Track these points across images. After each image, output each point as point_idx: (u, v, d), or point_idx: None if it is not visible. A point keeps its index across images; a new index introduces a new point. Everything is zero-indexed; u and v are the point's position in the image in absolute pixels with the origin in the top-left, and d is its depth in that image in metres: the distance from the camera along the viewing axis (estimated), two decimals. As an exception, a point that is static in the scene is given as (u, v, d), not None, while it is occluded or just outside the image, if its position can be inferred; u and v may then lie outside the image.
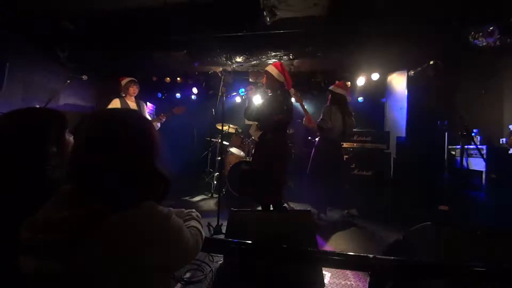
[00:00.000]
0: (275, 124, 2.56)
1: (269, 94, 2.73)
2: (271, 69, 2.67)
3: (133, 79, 3.38)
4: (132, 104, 3.35)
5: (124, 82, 3.35)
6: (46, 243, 0.56)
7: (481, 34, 2.93)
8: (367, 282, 0.97)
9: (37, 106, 2.79)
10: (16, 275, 0.57)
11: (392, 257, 0.98)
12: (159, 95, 5.65)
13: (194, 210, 0.98)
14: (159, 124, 3.40)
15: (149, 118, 3.47)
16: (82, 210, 0.57)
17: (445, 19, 2.89)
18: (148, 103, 4.88)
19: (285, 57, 3.68)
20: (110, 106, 3.16)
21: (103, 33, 3.48)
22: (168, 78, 5.24)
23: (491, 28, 2.86)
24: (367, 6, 2.80)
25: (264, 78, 2.73)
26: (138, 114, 0.75)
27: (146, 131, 0.68)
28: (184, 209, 0.99)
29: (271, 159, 2.55)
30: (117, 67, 4.28)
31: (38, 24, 3.23)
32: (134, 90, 3.35)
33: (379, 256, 0.97)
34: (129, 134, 0.65)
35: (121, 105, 3.26)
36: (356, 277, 1.89)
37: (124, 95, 3.34)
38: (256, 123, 2.75)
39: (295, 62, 4.21)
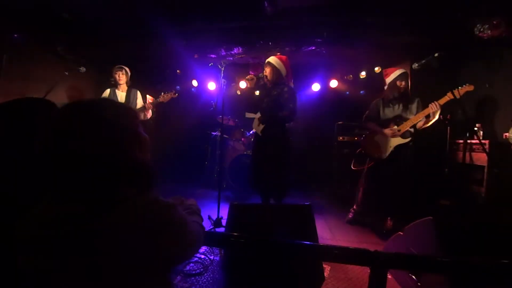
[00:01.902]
0: (279, 120, 2.52)
1: (272, 88, 2.61)
2: (275, 61, 2.54)
3: (120, 66, 3.26)
4: (121, 94, 3.26)
5: (112, 70, 3.27)
6: (45, 239, 0.54)
7: (486, 26, 2.87)
8: (367, 276, 0.96)
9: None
10: (13, 274, 0.56)
11: (393, 252, 0.97)
12: (159, 87, 5.59)
13: (194, 202, 0.96)
14: (150, 112, 3.35)
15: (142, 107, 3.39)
16: (80, 205, 0.55)
17: (450, 11, 2.82)
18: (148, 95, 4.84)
19: (287, 48, 3.61)
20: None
21: (101, 24, 3.41)
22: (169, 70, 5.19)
23: (497, 20, 2.80)
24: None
25: (269, 70, 2.58)
26: (105, 102, 0.66)
27: (113, 122, 0.61)
28: (183, 198, 0.97)
29: (276, 153, 2.50)
30: (117, 59, 4.22)
31: (36, 15, 3.16)
32: (120, 77, 3.22)
33: (379, 250, 0.97)
34: (95, 127, 0.58)
35: (109, 95, 3.21)
36: (356, 271, 1.90)
37: (114, 84, 3.27)
38: (258, 116, 2.67)
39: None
